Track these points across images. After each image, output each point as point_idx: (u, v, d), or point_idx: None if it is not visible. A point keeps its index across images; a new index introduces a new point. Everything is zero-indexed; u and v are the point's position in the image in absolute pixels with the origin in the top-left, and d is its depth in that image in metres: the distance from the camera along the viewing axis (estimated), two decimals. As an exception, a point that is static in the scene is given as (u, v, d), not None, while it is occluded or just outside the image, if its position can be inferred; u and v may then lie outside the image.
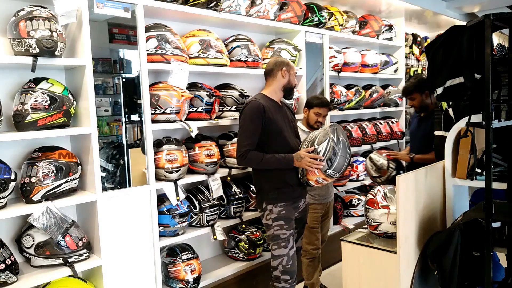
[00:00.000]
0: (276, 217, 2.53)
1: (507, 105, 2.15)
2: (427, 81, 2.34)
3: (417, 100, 3.20)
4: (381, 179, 3.20)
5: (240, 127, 2.54)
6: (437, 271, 2.14)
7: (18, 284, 2.07)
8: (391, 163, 3.14)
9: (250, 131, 2.48)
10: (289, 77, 2.65)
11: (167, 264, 2.74)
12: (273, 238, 2.55)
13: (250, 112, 2.49)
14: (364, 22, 4.41)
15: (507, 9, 4.97)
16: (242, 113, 2.55)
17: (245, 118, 2.51)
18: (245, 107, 2.55)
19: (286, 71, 2.63)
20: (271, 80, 2.66)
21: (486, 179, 1.92)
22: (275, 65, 2.64)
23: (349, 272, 2.42)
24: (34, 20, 2.05)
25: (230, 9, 2.96)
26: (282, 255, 2.51)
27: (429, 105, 3.18)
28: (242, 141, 2.49)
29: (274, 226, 2.53)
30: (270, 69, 2.65)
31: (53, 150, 2.26)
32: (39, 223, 2.12)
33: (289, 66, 2.66)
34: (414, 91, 3.18)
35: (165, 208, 2.69)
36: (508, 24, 2.10)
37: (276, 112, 2.58)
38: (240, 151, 2.48)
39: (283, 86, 2.64)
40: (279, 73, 2.63)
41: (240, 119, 2.56)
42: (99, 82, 2.41)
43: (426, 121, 3.19)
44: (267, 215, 2.57)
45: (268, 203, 2.56)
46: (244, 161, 2.48)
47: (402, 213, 2.17)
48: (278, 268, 2.52)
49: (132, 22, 2.44)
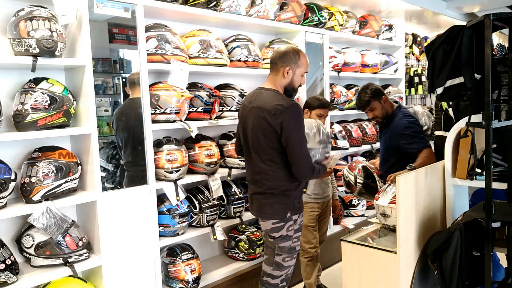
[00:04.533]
0: (298, 228, 2.36)
1: (507, 105, 2.15)
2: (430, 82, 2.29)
3: (377, 109, 2.98)
4: (353, 194, 3.15)
5: (295, 134, 2.20)
6: (437, 271, 2.14)
7: (18, 284, 2.07)
8: (359, 178, 3.05)
9: (305, 139, 2.26)
10: (292, 77, 2.33)
11: (167, 264, 2.74)
12: (289, 250, 2.35)
13: (301, 117, 2.25)
14: (364, 22, 4.41)
15: (507, 9, 4.97)
16: (290, 117, 2.19)
17: (298, 124, 2.21)
18: (291, 109, 2.20)
19: (290, 71, 2.31)
20: (273, 74, 2.37)
21: (486, 179, 1.92)
22: (280, 58, 2.32)
23: (349, 272, 2.42)
24: (34, 20, 2.05)
25: (230, 9, 2.96)
26: (291, 266, 2.40)
27: (388, 111, 3.01)
28: (306, 152, 2.24)
29: (294, 237, 2.34)
30: (274, 60, 2.35)
31: (53, 150, 2.26)
32: (39, 223, 2.12)
33: (297, 65, 2.33)
34: (372, 100, 2.95)
35: (165, 208, 2.69)
36: (508, 24, 2.10)
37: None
38: (310, 163, 2.25)
39: (284, 86, 2.36)
40: (281, 70, 2.32)
41: (289, 124, 2.19)
42: (99, 82, 2.41)
43: (386, 128, 3.03)
44: (289, 226, 2.31)
45: (294, 213, 2.31)
46: (313, 175, 2.28)
47: (402, 213, 2.17)
48: (281, 277, 2.38)
49: (132, 22, 2.44)
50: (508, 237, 2.01)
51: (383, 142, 3.08)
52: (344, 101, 4.09)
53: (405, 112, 2.98)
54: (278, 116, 2.19)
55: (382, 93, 3.01)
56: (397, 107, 3.03)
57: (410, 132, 2.83)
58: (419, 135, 2.83)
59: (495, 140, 2.15)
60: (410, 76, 5.38)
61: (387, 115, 3.03)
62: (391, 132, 2.94)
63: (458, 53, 2.11)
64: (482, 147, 2.18)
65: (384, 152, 3.08)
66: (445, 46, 2.18)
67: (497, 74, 2.19)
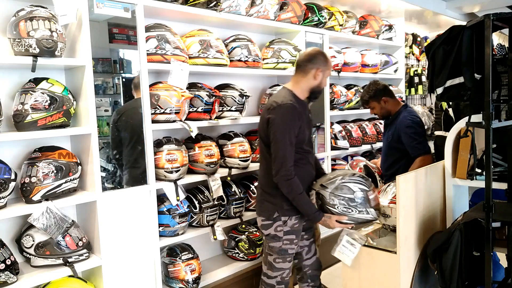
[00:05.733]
0: (289, 231, 2.30)
1: (507, 105, 2.15)
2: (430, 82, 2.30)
3: (376, 108, 3.08)
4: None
5: (278, 134, 2.17)
6: (437, 271, 2.14)
7: (18, 284, 2.07)
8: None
9: (291, 144, 2.16)
10: (321, 79, 2.30)
11: (167, 264, 2.74)
12: (279, 251, 2.32)
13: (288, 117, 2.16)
14: (364, 22, 4.41)
15: (507, 9, 4.97)
16: (278, 115, 2.17)
17: (284, 124, 2.16)
18: (282, 108, 2.18)
19: (321, 73, 2.27)
20: (300, 76, 2.31)
21: (486, 179, 1.92)
22: (310, 60, 2.28)
23: (349, 272, 2.42)
24: (34, 20, 2.04)
25: (230, 9, 2.95)
26: (285, 269, 2.37)
27: (390, 110, 3.06)
28: (287, 157, 2.15)
29: (284, 239, 2.30)
30: (304, 62, 2.29)
31: (53, 150, 2.26)
32: (39, 223, 2.12)
33: (326, 66, 2.30)
34: (370, 101, 3.06)
35: (165, 208, 2.69)
36: (508, 24, 2.10)
37: (303, 116, 2.28)
38: (287, 170, 2.14)
39: (311, 87, 2.31)
40: (311, 72, 2.28)
41: (275, 121, 2.18)
42: (99, 82, 2.41)
43: (390, 126, 3.07)
44: (277, 227, 2.30)
45: (283, 214, 2.28)
46: (286, 183, 2.16)
47: (402, 213, 2.17)
48: (276, 278, 2.37)
49: (132, 22, 2.44)
50: (508, 237, 2.01)
51: (385, 139, 3.10)
52: (344, 101, 4.09)
53: (410, 112, 3.00)
54: (270, 112, 2.24)
55: (384, 94, 3.02)
56: (402, 106, 3.05)
57: (411, 132, 2.84)
58: (419, 138, 2.84)
59: (495, 140, 2.15)
60: (410, 76, 5.38)
61: (389, 114, 3.06)
62: (394, 130, 2.96)
63: (458, 53, 2.11)
64: (482, 147, 2.18)
65: (385, 150, 3.09)
66: (445, 46, 2.18)
67: (497, 74, 2.19)
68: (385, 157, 3.08)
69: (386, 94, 3.04)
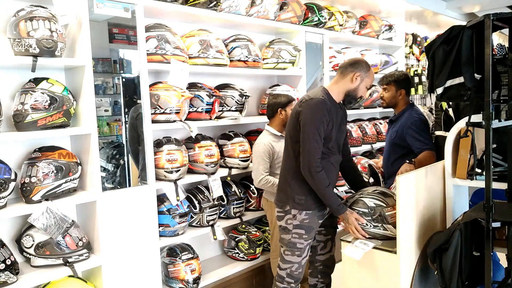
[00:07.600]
0: (298, 225, 2.32)
1: (507, 105, 2.15)
2: (430, 82, 2.29)
3: (390, 93, 3.04)
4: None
5: (307, 127, 2.21)
6: (437, 271, 2.14)
7: (18, 284, 2.07)
8: (365, 176, 3.03)
9: (319, 137, 2.20)
10: (359, 84, 2.33)
11: (167, 264, 2.74)
12: (288, 244, 2.35)
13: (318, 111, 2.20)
14: (364, 22, 4.41)
15: (507, 9, 4.97)
16: (309, 109, 2.21)
17: (313, 118, 2.20)
18: (313, 103, 2.22)
19: (359, 77, 2.32)
20: (339, 77, 2.37)
21: (486, 179, 1.92)
22: (351, 64, 2.35)
23: (349, 272, 2.42)
24: (34, 20, 2.05)
25: (230, 9, 2.95)
26: (294, 262, 2.37)
27: (399, 104, 3.05)
28: (315, 150, 2.19)
29: (293, 232, 2.33)
30: (345, 65, 2.37)
31: (53, 150, 2.26)
32: (39, 223, 2.12)
33: (366, 74, 2.34)
34: (391, 83, 3.03)
35: (165, 208, 2.69)
36: (508, 24, 2.10)
37: (333, 116, 2.30)
38: (315, 162, 2.18)
39: (347, 90, 2.34)
40: (349, 75, 2.32)
41: (305, 115, 2.22)
42: (99, 82, 2.41)
43: (395, 123, 3.05)
44: (288, 219, 2.34)
45: (293, 207, 2.32)
46: (314, 175, 2.19)
47: (402, 213, 2.17)
48: (286, 270, 2.39)
49: (132, 22, 2.44)
50: (508, 237, 2.00)
51: (389, 137, 3.11)
52: (344, 101, 4.09)
53: (416, 110, 3.02)
54: (301, 105, 2.29)
55: (404, 86, 3.02)
56: (409, 105, 3.06)
57: (416, 128, 2.86)
58: (425, 135, 2.86)
59: (495, 140, 2.15)
60: (410, 76, 5.38)
61: (394, 106, 3.08)
62: (399, 127, 2.96)
63: (458, 53, 2.11)
64: (482, 147, 2.18)
65: (388, 147, 3.10)
66: (445, 46, 2.17)
67: (497, 74, 2.19)
68: (388, 155, 3.08)
69: (405, 88, 3.05)
